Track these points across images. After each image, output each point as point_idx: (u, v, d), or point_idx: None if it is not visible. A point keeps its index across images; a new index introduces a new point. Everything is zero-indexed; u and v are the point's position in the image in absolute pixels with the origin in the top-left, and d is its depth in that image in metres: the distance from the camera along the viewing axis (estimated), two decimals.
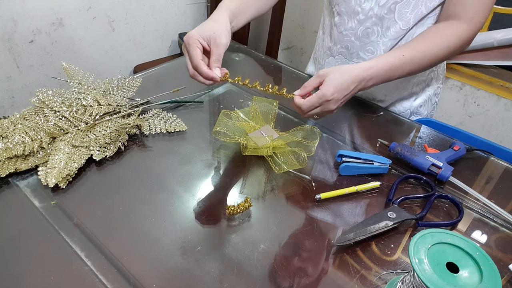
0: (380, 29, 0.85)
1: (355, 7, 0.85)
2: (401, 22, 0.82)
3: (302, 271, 0.56)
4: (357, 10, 0.85)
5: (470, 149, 0.80)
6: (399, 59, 0.73)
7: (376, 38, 0.86)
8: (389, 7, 0.81)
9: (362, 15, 0.85)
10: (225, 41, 0.71)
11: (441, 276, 0.41)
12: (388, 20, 0.83)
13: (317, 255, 0.59)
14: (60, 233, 0.59)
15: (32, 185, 0.67)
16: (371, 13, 0.84)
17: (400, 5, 0.80)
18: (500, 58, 1.72)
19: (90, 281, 0.53)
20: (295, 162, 0.71)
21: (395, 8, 0.81)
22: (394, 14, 0.82)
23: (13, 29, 1.62)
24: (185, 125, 0.82)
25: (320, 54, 1.03)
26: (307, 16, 2.20)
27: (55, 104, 0.78)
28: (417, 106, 0.97)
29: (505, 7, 1.66)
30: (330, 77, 0.68)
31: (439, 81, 0.97)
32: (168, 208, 0.65)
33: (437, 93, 0.99)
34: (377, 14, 0.83)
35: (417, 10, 0.80)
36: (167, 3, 2.11)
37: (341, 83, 0.68)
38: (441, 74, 0.97)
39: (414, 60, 0.74)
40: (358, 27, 0.87)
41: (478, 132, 1.78)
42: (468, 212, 0.68)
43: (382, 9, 0.82)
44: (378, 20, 0.84)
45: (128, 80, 0.90)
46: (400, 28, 0.83)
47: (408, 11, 0.80)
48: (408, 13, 0.81)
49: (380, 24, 0.84)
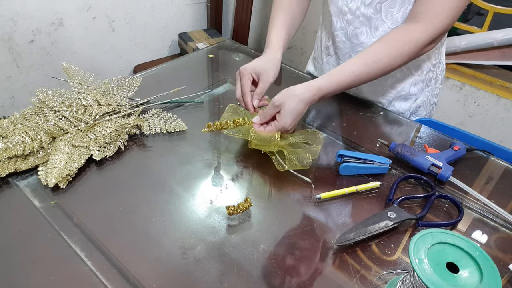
0: (368, 29, 0.85)
1: (342, 6, 0.86)
2: (388, 21, 0.82)
3: (302, 271, 0.56)
4: (345, 10, 0.86)
5: (470, 149, 0.80)
6: (348, 77, 0.75)
7: (365, 39, 0.87)
8: (375, 7, 0.82)
9: (350, 14, 0.86)
10: (272, 78, 0.80)
11: (441, 276, 0.41)
12: (375, 19, 0.83)
13: (317, 255, 0.59)
14: (60, 233, 0.59)
15: (32, 185, 0.67)
16: (358, 13, 0.84)
17: (385, 4, 0.80)
18: (500, 58, 1.72)
19: (90, 281, 0.53)
20: (298, 163, 0.71)
21: (381, 8, 0.81)
22: (381, 14, 0.82)
23: (13, 29, 1.62)
24: (185, 125, 0.82)
25: (318, 53, 1.03)
26: (307, 16, 2.19)
27: (55, 104, 0.78)
28: (416, 107, 0.97)
29: (505, 7, 1.66)
30: (286, 109, 0.71)
31: (438, 82, 0.97)
32: (168, 208, 0.65)
33: (435, 94, 0.98)
34: (364, 13, 0.84)
35: (404, 8, 0.80)
36: (167, 3, 2.11)
37: (297, 111, 0.72)
38: (440, 74, 0.96)
39: (364, 74, 0.76)
40: (348, 27, 0.88)
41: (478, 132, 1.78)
42: (468, 212, 0.68)
43: (368, 8, 0.82)
44: (366, 20, 0.84)
45: (128, 80, 0.90)
46: (388, 27, 0.83)
47: (395, 10, 0.80)
48: (395, 12, 0.81)
49: (368, 24, 0.85)
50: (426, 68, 0.91)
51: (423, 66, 0.90)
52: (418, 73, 0.91)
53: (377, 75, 0.77)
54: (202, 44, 2.09)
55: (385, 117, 0.92)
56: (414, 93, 0.94)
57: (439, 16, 0.73)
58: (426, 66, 0.91)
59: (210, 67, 1.10)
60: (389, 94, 0.95)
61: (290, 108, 0.71)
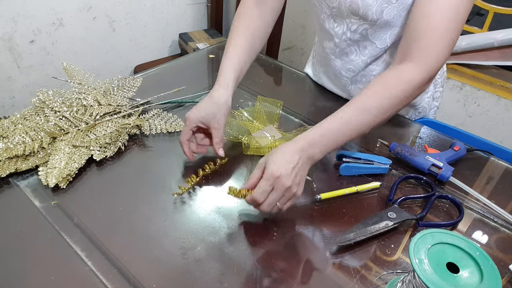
0: (357, 48, 0.84)
1: (329, 30, 0.85)
2: (377, 42, 0.81)
3: (302, 271, 0.56)
4: (331, 33, 0.85)
5: (471, 149, 0.80)
6: (337, 122, 0.65)
7: (355, 57, 0.86)
8: (361, 33, 0.80)
9: (337, 38, 0.85)
10: (223, 122, 0.73)
11: (441, 276, 0.41)
12: (363, 41, 0.82)
13: (317, 255, 0.59)
14: (60, 233, 0.59)
15: (32, 185, 0.67)
16: (345, 37, 0.83)
17: (371, 30, 0.78)
18: (500, 58, 1.72)
19: (90, 281, 0.53)
20: None
21: (366, 33, 0.80)
22: (367, 37, 0.80)
23: (13, 29, 1.62)
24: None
25: (317, 60, 1.02)
26: (307, 16, 2.20)
27: (55, 104, 0.78)
28: (415, 112, 0.96)
29: (505, 7, 1.66)
30: (270, 159, 0.61)
31: (438, 85, 0.96)
32: (168, 208, 0.65)
33: (436, 97, 0.97)
34: (351, 38, 0.82)
35: (392, 30, 0.77)
36: (167, 3, 2.11)
37: (282, 157, 0.61)
38: (440, 78, 0.95)
39: (354, 120, 0.66)
40: (335, 49, 0.87)
41: (479, 132, 1.78)
42: (468, 212, 0.68)
43: (354, 34, 0.81)
44: (353, 43, 0.83)
45: (128, 80, 0.90)
46: (377, 47, 0.81)
47: (382, 33, 0.78)
48: (383, 34, 0.79)
49: (357, 45, 0.84)
50: None
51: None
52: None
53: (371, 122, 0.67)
54: (203, 44, 2.09)
55: None
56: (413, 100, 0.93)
57: (433, 53, 0.65)
58: None
59: (210, 67, 1.11)
60: None
61: (273, 157, 0.61)
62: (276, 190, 0.60)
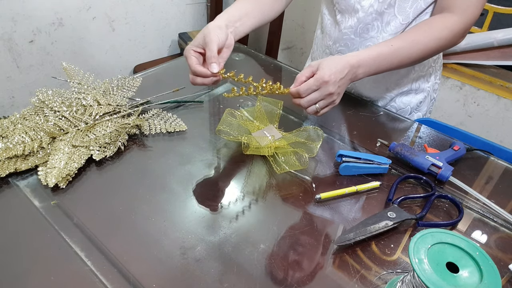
0: (380, 24, 0.85)
1: (355, 4, 0.85)
2: (401, 17, 0.82)
3: (302, 271, 0.56)
4: (357, 7, 0.85)
5: (470, 149, 0.80)
6: (388, 48, 0.74)
7: (375, 34, 0.86)
8: (389, 2, 0.81)
9: (362, 12, 0.85)
10: (215, 38, 0.70)
11: (441, 276, 0.41)
12: (388, 14, 0.83)
13: (317, 255, 0.59)
14: (60, 233, 0.59)
15: (32, 185, 0.67)
16: (371, 10, 0.84)
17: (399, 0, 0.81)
18: (500, 58, 1.72)
19: (90, 281, 0.53)
20: (297, 162, 0.71)
21: (395, 3, 0.81)
22: (394, 9, 0.82)
23: (13, 29, 1.62)
24: (185, 125, 0.82)
25: (318, 53, 1.03)
26: (307, 16, 2.20)
27: (55, 104, 0.78)
28: (417, 102, 0.97)
29: (505, 7, 1.66)
30: (323, 64, 0.69)
31: (437, 77, 0.98)
32: (168, 208, 0.65)
33: (435, 89, 1.00)
34: (377, 10, 0.83)
35: (416, 4, 0.80)
36: (167, 3, 2.11)
37: (336, 65, 0.68)
38: (439, 70, 0.98)
39: (403, 50, 0.75)
40: (358, 25, 0.87)
41: (478, 132, 1.78)
42: (468, 212, 0.68)
43: (382, 4, 0.82)
44: (378, 16, 0.84)
45: (128, 80, 0.90)
46: (400, 23, 0.83)
47: (408, 6, 0.81)
48: (408, 8, 0.81)
49: (380, 19, 0.84)
50: (427, 64, 0.92)
51: (424, 61, 0.91)
52: (420, 68, 0.92)
53: (415, 56, 0.76)
54: None
55: (385, 117, 0.92)
56: (415, 88, 0.95)
57: (470, 8, 0.74)
58: (427, 61, 0.91)
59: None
60: (393, 91, 0.95)
61: (327, 62, 0.68)
62: (320, 91, 0.68)
